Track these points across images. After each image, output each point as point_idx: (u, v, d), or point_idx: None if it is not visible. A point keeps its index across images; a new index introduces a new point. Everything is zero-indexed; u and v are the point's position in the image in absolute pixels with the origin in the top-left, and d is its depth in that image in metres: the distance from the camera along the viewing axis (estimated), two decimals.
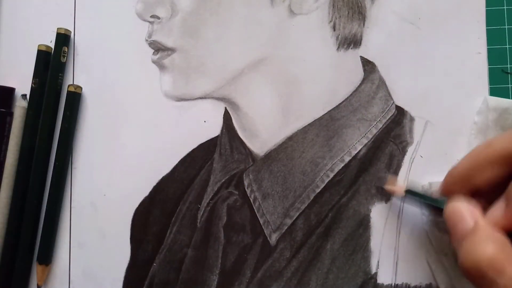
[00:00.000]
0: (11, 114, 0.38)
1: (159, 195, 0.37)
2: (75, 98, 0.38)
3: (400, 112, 0.36)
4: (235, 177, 0.37)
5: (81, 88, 0.38)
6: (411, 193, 0.33)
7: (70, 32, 0.39)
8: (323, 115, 0.36)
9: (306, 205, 0.36)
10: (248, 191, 0.36)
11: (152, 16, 0.37)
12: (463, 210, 0.28)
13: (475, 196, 0.30)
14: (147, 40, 0.38)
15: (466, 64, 0.36)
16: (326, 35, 0.37)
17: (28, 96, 0.38)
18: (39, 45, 0.38)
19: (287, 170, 0.36)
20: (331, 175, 0.36)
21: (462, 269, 0.26)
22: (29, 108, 0.38)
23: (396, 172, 0.36)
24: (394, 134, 0.36)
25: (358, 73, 0.37)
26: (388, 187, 0.35)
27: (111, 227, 0.37)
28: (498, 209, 0.28)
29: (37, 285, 0.37)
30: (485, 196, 0.29)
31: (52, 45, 0.38)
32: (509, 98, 0.36)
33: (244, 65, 0.37)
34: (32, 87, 0.38)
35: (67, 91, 0.38)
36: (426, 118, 0.36)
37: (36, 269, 0.37)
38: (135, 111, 0.38)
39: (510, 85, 0.36)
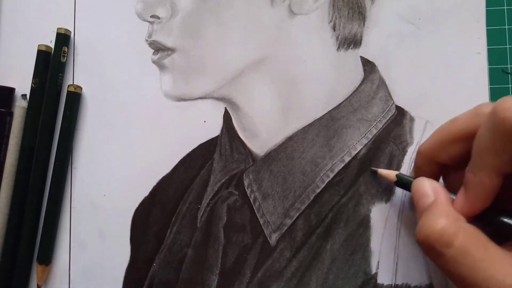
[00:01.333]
0: (11, 114, 0.38)
1: (159, 195, 0.37)
2: (75, 98, 0.38)
3: (400, 112, 0.36)
4: (235, 177, 0.37)
5: (81, 88, 0.38)
6: (401, 178, 0.33)
7: (70, 32, 0.39)
8: (323, 115, 0.36)
9: (306, 205, 0.36)
10: (248, 191, 0.36)
11: (152, 16, 0.37)
12: (426, 186, 0.29)
13: (450, 173, 0.31)
14: (147, 40, 0.38)
15: (466, 64, 0.36)
16: (326, 35, 0.37)
17: (28, 96, 0.38)
18: (39, 45, 0.38)
19: (287, 170, 0.36)
20: (331, 175, 0.36)
21: (417, 241, 0.27)
22: (29, 108, 0.38)
23: None
24: (394, 134, 0.36)
25: (358, 73, 0.37)
26: (382, 171, 0.34)
27: (111, 227, 0.37)
28: (460, 196, 0.28)
29: (37, 285, 0.37)
30: (460, 172, 0.30)
31: (52, 45, 0.38)
32: None
33: (244, 65, 0.37)
34: (32, 87, 0.38)
35: (67, 91, 0.38)
36: (426, 118, 0.36)
37: (36, 269, 0.37)
38: (135, 111, 0.38)
39: (510, 85, 0.36)
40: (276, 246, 0.36)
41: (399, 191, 0.35)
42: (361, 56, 0.37)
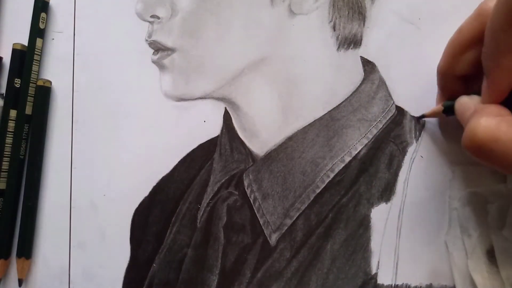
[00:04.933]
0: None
1: (159, 195, 0.37)
2: (45, 92, 0.38)
3: (400, 112, 0.36)
4: (235, 177, 0.37)
5: (50, 82, 0.38)
6: (446, 105, 0.33)
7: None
8: (323, 115, 0.36)
9: (306, 205, 0.36)
10: (248, 191, 0.36)
11: (152, 16, 0.37)
12: (467, 101, 0.30)
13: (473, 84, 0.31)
14: (147, 40, 0.38)
15: None
16: (326, 35, 0.37)
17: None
18: (14, 44, 0.38)
19: (287, 170, 0.36)
20: (332, 175, 0.36)
21: (465, 148, 0.27)
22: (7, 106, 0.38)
23: (396, 173, 0.36)
24: (394, 134, 0.36)
25: (358, 73, 0.37)
26: (428, 113, 0.35)
27: (111, 227, 0.37)
28: (483, 87, 0.29)
29: (18, 279, 0.37)
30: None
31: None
32: None
33: (244, 65, 0.37)
34: (13, 87, 0.38)
35: (36, 85, 0.38)
36: (426, 119, 0.36)
37: (16, 263, 0.37)
38: (135, 111, 0.38)
39: None
40: (276, 246, 0.36)
41: (399, 191, 0.35)
42: (361, 56, 0.37)
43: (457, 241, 0.34)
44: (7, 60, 0.38)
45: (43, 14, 0.38)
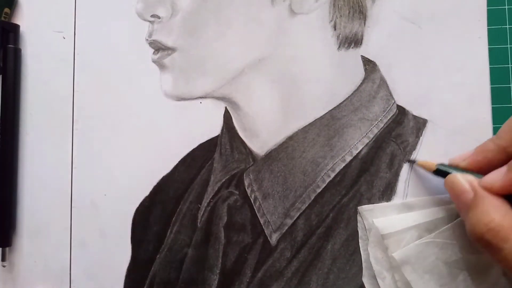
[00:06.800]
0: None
1: (160, 195, 0.37)
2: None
3: (402, 112, 0.36)
4: (235, 177, 0.37)
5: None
6: (442, 169, 0.32)
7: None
8: (324, 115, 0.36)
9: (306, 205, 0.36)
10: (248, 191, 0.36)
11: (152, 16, 0.37)
12: (462, 182, 0.30)
13: None
14: (147, 39, 0.38)
15: (468, 63, 0.36)
16: (326, 34, 0.36)
17: None
18: None
19: (288, 170, 0.36)
20: (332, 175, 0.36)
21: (471, 239, 0.27)
22: None
23: (397, 172, 0.35)
24: (396, 133, 0.36)
25: (359, 73, 0.36)
26: (420, 162, 0.34)
27: (112, 227, 0.37)
28: (497, 173, 0.28)
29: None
30: None
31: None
32: (510, 97, 0.35)
33: (245, 64, 0.37)
34: None
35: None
36: (427, 118, 0.36)
37: None
38: (135, 111, 0.38)
39: (511, 85, 0.36)
40: (277, 246, 0.36)
41: (400, 191, 0.35)
42: (362, 56, 0.37)
43: (373, 281, 0.34)
44: None
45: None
